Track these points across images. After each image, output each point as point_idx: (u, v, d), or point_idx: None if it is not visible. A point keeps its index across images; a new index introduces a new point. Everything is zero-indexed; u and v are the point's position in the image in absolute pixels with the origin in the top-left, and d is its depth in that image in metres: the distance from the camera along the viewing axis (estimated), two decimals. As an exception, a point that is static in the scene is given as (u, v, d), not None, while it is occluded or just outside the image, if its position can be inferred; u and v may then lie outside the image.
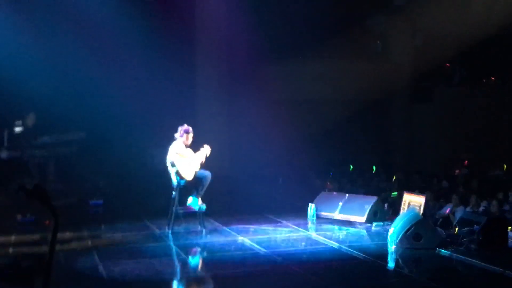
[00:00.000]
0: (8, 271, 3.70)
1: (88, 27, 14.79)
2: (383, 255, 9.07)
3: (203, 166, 10.43)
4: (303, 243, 9.73)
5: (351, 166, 17.64)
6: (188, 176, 10.22)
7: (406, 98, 19.53)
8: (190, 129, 10.35)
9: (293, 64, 17.80)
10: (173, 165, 10.18)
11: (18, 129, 12.69)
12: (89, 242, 9.91)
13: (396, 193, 12.91)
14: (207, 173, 10.38)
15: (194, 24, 16.98)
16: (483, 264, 8.26)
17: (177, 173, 10.15)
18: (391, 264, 8.82)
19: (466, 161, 17.40)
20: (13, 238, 10.22)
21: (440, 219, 10.84)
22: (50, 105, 13.64)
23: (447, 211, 11.06)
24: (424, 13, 18.20)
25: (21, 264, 3.71)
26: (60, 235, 9.91)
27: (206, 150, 10.41)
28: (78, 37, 14.84)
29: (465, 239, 9.22)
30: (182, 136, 10.30)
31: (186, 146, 10.36)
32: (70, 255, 9.09)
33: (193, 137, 10.42)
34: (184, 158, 10.21)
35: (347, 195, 12.11)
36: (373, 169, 16.88)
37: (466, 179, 14.58)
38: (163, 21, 15.73)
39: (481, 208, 11.02)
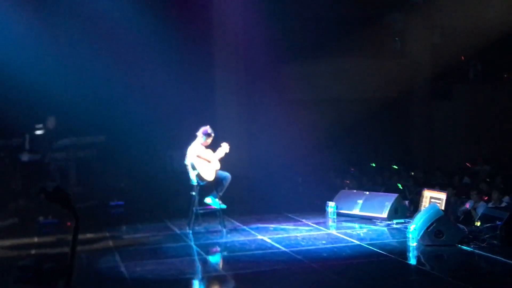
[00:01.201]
0: (30, 273, 3.73)
1: (108, 31, 14.87)
2: (404, 252, 9.03)
3: (222, 165, 10.46)
4: (324, 241, 9.70)
5: (373, 164, 17.56)
6: (210, 177, 10.27)
7: (426, 96, 19.38)
8: (211, 131, 10.39)
9: (311, 63, 17.76)
10: (193, 167, 10.21)
11: (39, 132, 12.81)
12: (111, 243, 9.98)
13: (400, 185, 12.98)
14: (227, 174, 10.42)
15: (212, 25, 17.01)
16: (505, 260, 8.19)
17: (198, 175, 10.19)
18: (412, 261, 8.76)
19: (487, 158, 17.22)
20: (35, 240, 10.34)
21: (462, 216, 10.77)
22: (71, 108, 13.74)
23: (468, 206, 10.96)
24: (442, 10, 18.08)
25: (43, 266, 3.74)
26: (82, 236, 10.01)
27: (224, 148, 10.44)
28: (98, 41, 14.94)
29: (487, 235, 9.15)
30: (202, 138, 10.34)
31: (205, 147, 10.40)
32: (92, 255, 9.18)
33: (213, 138, 10.46)
34: (204, 160, 10.25)
35: (367, 192, 12.08)
36: (393, 167, 16.79)
37: (487, 175, 14.45)
38: (181, 23, 15.79)
39: (503, 204, 10.91)
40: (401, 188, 13.04)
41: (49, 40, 14.25)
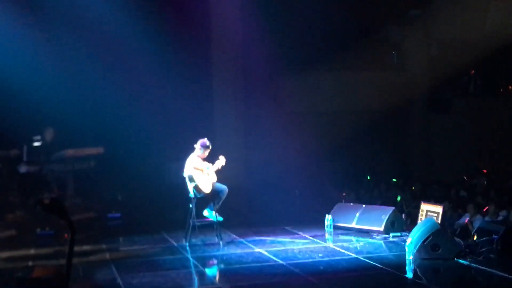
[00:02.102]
0: (28, 284, 3.74)
1: (106, 41, 14.93)
2: (401, 266, 9.01)
3: (219, 177, 10.49)
4: (320, 254, 9.70)
5: (368, 177, 17.58)
6: (207, 189, 10.29)
7: (423, 109, 19.44)
8: (209, 144, 10.43)
9: (309, 75, 17.83)
10: (191, 179, 10.23)
11: (37, 144, 12.81)
12: (107, 255, 9.97)
13: (399, 197, 12.97)
14: (224, 187, 10.45)
15: (210, 36, 17.06)
16: (502, 273, 8.19)
17: (196, 187, 10.21)
18: (409, 275, 8.75)
19: (485, 170, 17.24)
20: (32, 251, 10.33)
21: (458, 229, 10.78)
22: (69, 119, 13.75)
23: (465, 220, 10.98)
24: (439, 23, 18.17)
25: (40, 277, 3.75)
26: (78, 248, 10.04)
27: (221, 161, 10.48)
28: (95, 52, 14.98)
29: (483, 249, 9.15)
30: (200, 150, 10.38)
31: (203, 159, 10.43)
32: (88, 268, 9.18)
33: (210, 150, 10.50)
34: (201, 172, 10.28)
35: (363, 205, 12.09)
36: (393, 181, 16.80)
37: (484, 189, 14.47)
38: (180, 35, 15.84)
39: (499, 218, 10.93)
40: (399, 201, 13.05)
41: (47, 50, 14.28)
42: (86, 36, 14.85)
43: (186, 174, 10.33)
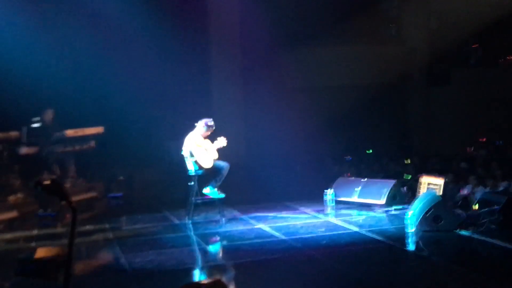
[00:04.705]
0: (31, 265, 3.74)
1: (105, 23, 14.86)
2: (403, 238, 9.05)
3: (220, 155, 10.48)
4: (322, 229, 9.73)
5: (370, 151, 17.57)
6: (207, 164, 10.29)
7: (423, 81, 19.39)
8: (213, 124, 10.42)
9: (307, 50, 17.75)
10: (191, 155, 10.24)
11: (36, 125, 12.77)
12: (111, 234, 10.00)
13: (410, 176, 12.89)
14: (225, 164, 10.44)
15: (208, 13, 16.97)
16: (504, 244, 8.23)
17: (196, 162, 10.21)
18: (411, 247, 8.79)
19: (484, 139, 17.19)
20: (34, 232, 10.36)
21: (460, 201, 10.79)
22: (68, 100, 13.73)
23: (467, 192, 10.99)
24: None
25: (43, 258, 3.74)
26: (82, 228, 10.09)
27: (221, 142, 10.45)
28: (95, 34, 14.91)
29: (485, 220, 9.17)
30: (203, 127, 10.36)
31: (204, 138, 10.42)
32: (92, 247, 9.23)
33: (212, 130, 10.51)
34: (202, 148, 10.28)
35: (365, 179, 12.10)
36: (392, 153, 16.78)
37: (485, 160, 14.48)
38: (177, 12, 15.75)
39: (500, 189, 10.94)
40: (409, 178, 12.94)
41: (46, 32, 14.21)
42: (85, 17, 14.78)
43: (186, 150, 10.32)
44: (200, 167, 10.27)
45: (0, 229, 10.64)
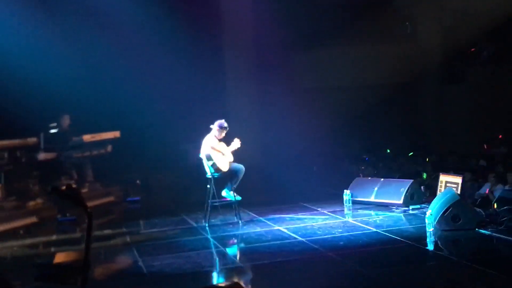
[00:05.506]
0: (50, 270, 3.75)
1: (120, 28, 14.93)
2: (422, 238, 8.97)
3: (235, 156, 10.50)
4: (340, 230, 9.69)
5: (388, 150, 17.48)
6: (224, 167, 10.32)
7: (438, 80, 19.25)
8: (226, 126, 10.44)
9: (322, 50, 17.71)
10: (209, 158, 10.27)
11: (54, 131, 12.88)
12: (128, 238, 10.05)
13: (425, 174, 12.83)
14: (241, 167, 10.47)
15: (221, 14, 17.00)
16: (524, 242, 8.15)
17: (213, 165, 10.24)
18: (430, 247, 8.72)
19: (500, 136, 17.01)
20: (53, 237, 10.43)
21: (479, 199, 10.69)
22: (84, 105, 13.82)
23: (486, 190, 10.89)
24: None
25: (61, 263, 3.76)
26: (99, 233, 10.15)
27: (236, 144, 10.48)
28: (109, 38, 14.99)
29: (505, 218, 9.07)
30: (217, 131, 10.39)
31: (219, 140, 10.44)
32: (110, 251, 9.27)
33: (226, 131, 10.51)
34: (218, 152, 10.30)
35: (382, 179, 12.05)
36: (409, 154, 16.69)
37: (504, 158, 14.33)
38: (190, 14, 15.79)
39: (520, 186, 10.81)
40: (425, 177, 12.89)
41: (61, 38, 14.31)
42: (99, 20, 14.84)
43: (203, 153, 10.35)
44: (217, 170, 10.29)
45: (20, 234, 10.73)
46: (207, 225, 10.41)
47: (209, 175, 10.37)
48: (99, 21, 14.88)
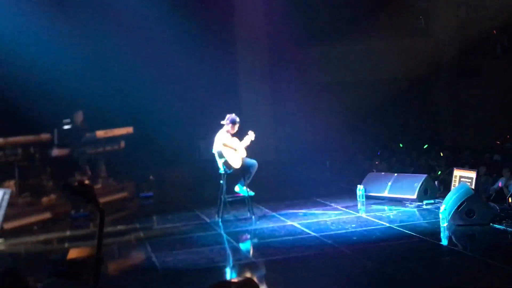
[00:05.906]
0: (63, 266, 3.76)
1: (133, 24, 14.95)
2: (436, 233, 8.92)
3: (249, 152, 10.48)
4: (353, 225, 9.65)
5: (401, 145, 17.40)
6: (236, 164, 10.29)
7: (452, 73, 19.11)
8: (237, 119, 10.39)
9: (335, 44, 17.63)
10: (220, 155, 10.23)
11: (67, 127, 12.93)
12: (142, 234, 10.07)
13: (440, 172, 12.74)
14: (254, 162, 10.44)
15: (234, 10, 16.98)
16: (539, 237, 8.07)
17: (225, 163, 10.21)
18: (444, 242, 8.67)
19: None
20: (67, 233, 10.48)
21: (493, 194, 10.62)
22: (97, 101, 13.85)
23: (500, 184, 10.81)
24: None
25: (75, 259, 3.76)
26: (113, 228, 10.19)
27: (250, 136, 10.47)
28: (122, 35, 15.02)
29: (519, 213, 9.02)
30: (228, 125, 10.36)
31: (232, 135, 10.41)
32: (123, 247, 9.31)
33: (239, 125, 10.48)
34: (231, 148, 10.28)
35: (395, 174, 11.98)
36: (424, 147, 16.59)
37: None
38: (203, 9, 15.80)
39: (535, 180, 10.73)
40: (439, 173, 12.82)
41: (74, 34, 14.35)
42: (113, 18, 14.87)
43: (215, 150, 10.34)
44: (229, 167, 10.27)
45: (34, 230, 10.79)
46: (220, 220, 10.41)
47: (221, 170, 10.36)
48: (112, 18, 14.90)
